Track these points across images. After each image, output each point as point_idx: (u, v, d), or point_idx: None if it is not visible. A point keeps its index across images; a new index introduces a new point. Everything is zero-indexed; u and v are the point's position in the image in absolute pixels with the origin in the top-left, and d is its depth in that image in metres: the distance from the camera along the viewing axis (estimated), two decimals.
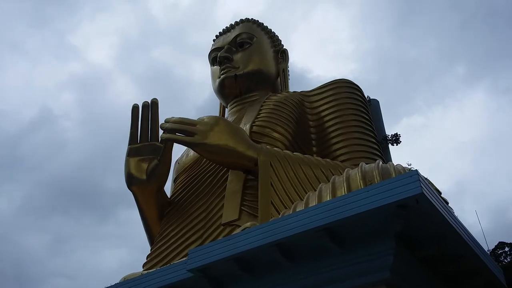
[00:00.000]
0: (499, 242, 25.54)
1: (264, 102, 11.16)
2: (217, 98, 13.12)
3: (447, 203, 6.40)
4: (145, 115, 10.50)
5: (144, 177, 9.92)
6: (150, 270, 7.64)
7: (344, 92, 11.40)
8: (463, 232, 5.47)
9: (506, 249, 25.37)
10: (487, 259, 6.01)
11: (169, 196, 11.04)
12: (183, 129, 9.08)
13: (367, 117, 11.23)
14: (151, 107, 10.56)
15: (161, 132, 9.71)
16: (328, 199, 5.86)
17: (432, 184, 6.55)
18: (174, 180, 11.33)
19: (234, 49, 12.09)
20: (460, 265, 5.73)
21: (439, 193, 6.74)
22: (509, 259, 24.19)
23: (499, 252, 25.24)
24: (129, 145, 10.33)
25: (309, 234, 5.32)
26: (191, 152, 10.85)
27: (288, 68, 13.48)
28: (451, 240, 5.38)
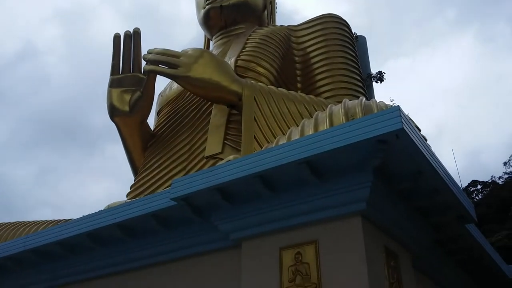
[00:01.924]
0: (472, 180, 26.63)
1: (250, 35, 10.93)
2: (203, 32, 12.78)
3: (426, 140, 6.55)
4: (127, 45, 10.22)
5: (127, 108, 9.84)
6: (134, 199, 7.77)
7: (331, 27, 11.21)
8: (439, 168, 5.64)
9: (479, 187, 26.49)
10: (461, 194, 6.25)
11: (152, 129, 11.03)
12: (166, 61, 8.90)
13: (353, 54, 11.13)
14: (133, 37, 10.26)
15: (143, 63, 9.52)
16: (311, 134, 5.93)
17: (413, 121, 6.66)
18: (158, 113, 11.28)
19: None
20: (434, 199, 5.95)
21: (419, 130, 6.87)
22: (480, 196, 25.33)
23: (471, 190, 26.36)
24: (111, 75, 10.13)
25: (291, 167, 5.43)
26: (175, 85, 10.72)
27: (276, 1, 13.09)
28: (427, 175, 5.55)
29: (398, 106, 5.02)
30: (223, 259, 6.40)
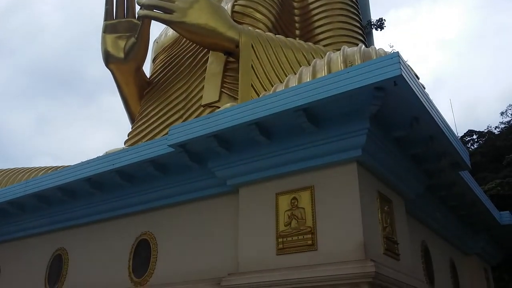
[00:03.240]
0: (468, 130, 26.72)
1: None
2: None
3: (424, 88, 6.51)
4: None
5: (122, 55, 9.69)
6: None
7: None
8: (436, 115, 5.65)
9: (474, 136, 26.62)
10: (456, 141, 6.30)
11: (148, 76, 10.92)
12: (161, 6, 8.65)
13: (353, 0, 10.86)
14: None
15: (138, 8, 9.27)
16: (308, 81, 5.88)
17: (412, 69, 6.59)
18: (153, 60, 11.12)
19: None
20: (429, 146, 6.00)
21: (418, 78, 6.81)
22: (476, 146, 25.51)
23: (467, 140, 26.51)
24: (104, 21, 9.90)
25: (287, 114, 5.42)
26: (170, 31, 10.49)
27: None
28: (424, 122, 5.57)
29: (397, 52, 4.95)
30: (221, 205, 6.53)
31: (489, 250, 10.75)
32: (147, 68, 11.39)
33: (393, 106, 5.32)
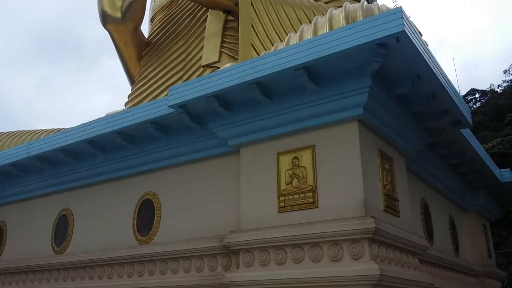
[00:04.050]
0: (471, 88, 26.56)
1: None
2: None
3: (427, 45, 6.41)
4: None
5: (119, 15, 9.50)
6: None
7: None
8: (438, 72, 5.58)
9: (477, 95, 26.50)
10: (458, 99, 6.26)
11: (146, 37, 10.75)
12: None
13: None
14: None
15: None
16: (309, 38, 5.78)
17: (415, 25, 6.46)
18: (151, 20, 10.93)
19: None
20: (431, 104, 5.97)
21: (421, 35, 6.69)
22: (478, 105, 25.41)
23: (469, 98, 26.39)
24: None
25: (288, 73, 5.36)
26: None
27: None
28: (426, 80, 5.51)
29: (400, 7, 4.84)
30: (223, 165, 6.58)
31: (488, 207, 10.90)
32: (145, 29, 11.19)
33: (395, 63, 5.26)
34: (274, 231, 5.46)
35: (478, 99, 26.04)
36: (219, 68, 7.96)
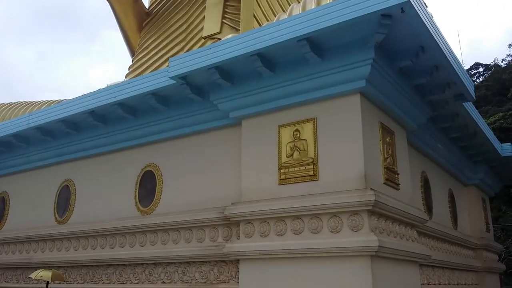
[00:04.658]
0: (475, 62, 26.31)
1: None
2: None
3: (432, 17, 6.29)
4: None
5: None
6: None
7: None
8: (443, 44, 5.50)
9: (480, 69, 26.26)
10: (462, 72, 6.19)
11: (147, 7, 10.58)
12: None
13: None
14: None
15: None
16: (312, 8, 5.67)
17: None
18: None
19: None
20: (434, 76, 5.91)
21: (426, 6, 6.57)
22: (481, 79, 25.20)
23: (473, 73, 26.16)
24: None
25: (291, 44, 5.29)
26: None
27: None
28: (430, 52, 5.43)
29: None
30: (224, 137, 6.57)
31: (488, 181, 10.94)
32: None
33: (399, 35, 5.18)
34: (274, 203, 5.50)
35: (482, 73, 25.81)
36: (220, 39, 7.86)
